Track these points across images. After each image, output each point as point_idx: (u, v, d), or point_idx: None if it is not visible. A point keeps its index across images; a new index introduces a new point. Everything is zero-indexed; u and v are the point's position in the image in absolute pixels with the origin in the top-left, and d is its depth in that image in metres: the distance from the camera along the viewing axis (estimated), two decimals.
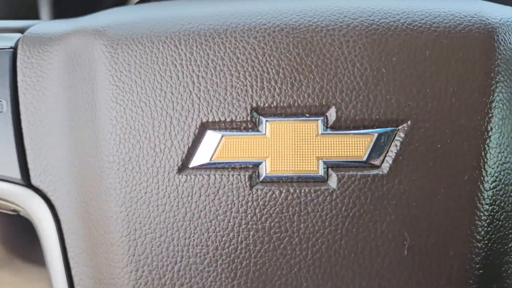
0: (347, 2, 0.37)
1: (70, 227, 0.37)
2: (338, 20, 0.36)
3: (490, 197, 0.34)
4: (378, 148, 0.34)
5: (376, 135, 0.34)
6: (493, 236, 0.34)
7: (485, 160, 0.34)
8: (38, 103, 0.38)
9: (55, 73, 0.38)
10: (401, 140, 0.34)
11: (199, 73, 0.35)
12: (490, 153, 0.34)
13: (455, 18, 0.36)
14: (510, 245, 0.35)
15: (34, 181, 0.38)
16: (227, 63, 0.35)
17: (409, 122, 0.34)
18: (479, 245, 0.34)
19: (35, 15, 0.78)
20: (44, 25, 0.41)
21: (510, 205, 0.35)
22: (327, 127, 0.34)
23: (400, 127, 0.34)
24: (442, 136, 0.34)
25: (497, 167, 0.34)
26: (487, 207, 0.34)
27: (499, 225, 0.34)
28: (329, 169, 0.34)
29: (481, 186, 0.34)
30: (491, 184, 0.34)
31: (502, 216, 0.34)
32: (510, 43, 0.36)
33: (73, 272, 0.38)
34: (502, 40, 0.36)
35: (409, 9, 0.37)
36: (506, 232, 0.35)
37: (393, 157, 0.34)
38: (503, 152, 0.35)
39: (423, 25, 0.36)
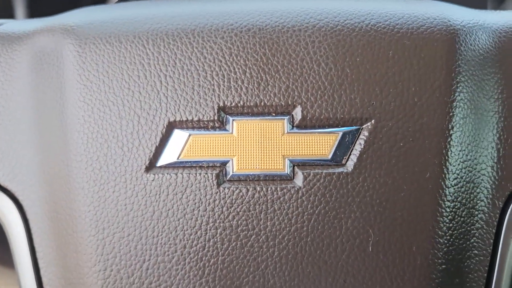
0: (314, 4, 0.38)
1: (39, 227, 0.37)
2: (304, 21, 0.36)
3: (452, 194, 0.35)
4: (343, 147, 0.35)
5: (340, 133, 0.35)
6: (455, 232, 0.35)
7: (447, 158, 0.35)
8: (7, 102, 0.38)
9: (24, 72, 0.38)
10: (365, 138, 0.35)
11: (167, 72, 0.35)
12: (451, 151, 0.35)
13: (418, 20, 0.37)
14: (472, 240, 0.36)
15: (2, 180, 0.38)
16: (195, 63, 0.35)
17: (372, 121, 0.35)
18: (441, 240, 0.34)
19: (10, 15, 0.77)
20: (14, 24, 0.41)
21: (471, 202, 0.36)
22: (293, 126, 0.35)
23: (364, 126, 0.35)
24: (405, 134, 0.35)
25: (458, 164, 0.35)
26: (448, 203, 0.35)
27: (460, 221, 0.35)
28: (295, 167, 0.35)
29: (442, 183, 0.35)
30: (452, 181, 0.35)
31: (464, 213, 0.35)
32: (471, 45, 0.37)
33: (42, 272, 0.37)
34: (463, 41, 0.37)
35: (374, 11, 0.37)
36: (468, 228, 0.36)
37: (358, 155, 0.34)
38: (464, 150, 0.36)
39: (386, 27, 0.36)
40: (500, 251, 0.36)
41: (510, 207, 0.37)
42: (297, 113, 0.35)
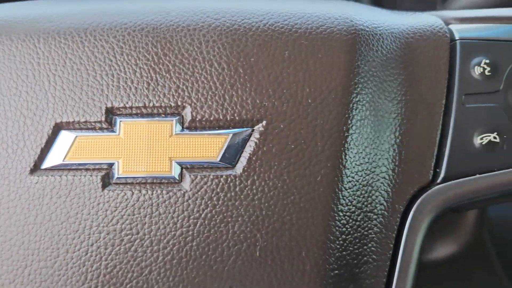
0: (214, 3, 0.37)
1: None
2: (200, 20, 0.36)
3: (346, 198, 0.34)
4: (232, 149, 0.34)
5: (230, 135, 0.34)
6: (349, 236, 0.34)
7: (341, 160, 0.34)
8: None
9: None
10: (255, 140, 0.34)
11: (56, 72, 0.34)
12: (346, 153, 0.34)
13: (319, 19, 0.36)
14: (370, 245, 0.35)
15: None
16: (85, 63, 0.34)
17: (264, 123, 0.34)
18: (333, 245, 0.34)
19: None
20: None
21: (369, 206, 0.35)
22: (182, 128, 0.34)
23: (255, 128, 0.34)
24: (297, 136, 0.34)
25: (354, 167, 0.34)
26: (342, 207, 0.34)
27: (356, 225, 0.34)
28: (183, 170, 0.34)
29: (335, 186, 0.34)
30: (347, 184, 0.34)
31: (360, 217, 0.34)
32: (373, 45, 0.36)
33: None
34: (364, 42, 0.36)
35: (274, 10, 0.36)
36: (365, 233, 0.35)
37: (247, 157, 0.34)
38: (362, 152, 0.35)
39: (284, 26, 0.35)
40: (400, 256, 0.36)
41: (412, 211, 0.36)
42: (187, 114, 0.34)
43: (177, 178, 0.33)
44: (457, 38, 0.38)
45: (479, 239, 0.80)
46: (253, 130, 0.34)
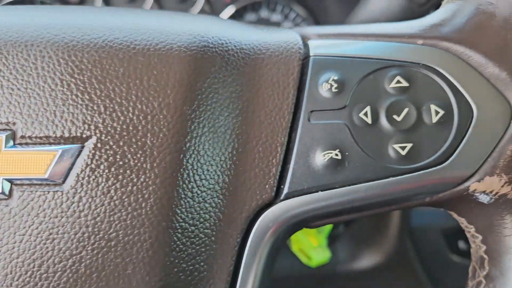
0: (59, 19, 0.37)
1: None
2: (39, 36, 0.36)
3: (177, 214, 0.34)
4: (61, 165, 0.34)
5: (60, 152, 0.34)
6: (181, 253, 0.34)
7: (173, 178, 0.34)
8: None
9: None
10: (85, 157, 0.34)
11: None
12: (179, 171, 0.34)
13: (160, 36, 0.36)
14: (208, 261, 0.35)
15: None
16: None
17: (94, 139, 0.34)
18: (162, 262, 0.34)
19: None
20: None
21: (205, 223, 0.35)
22: (14, 144, 0.34)
23: (85, 144, 0.34)
24: (126, 153, 0.34)
25: (188, 184, 0.34)
26: (172, 224, 0.34)
27: (189, 242, 0.34)
28: (12, 186, 0.34)
29: (165, 204, 0.34)
30: (178, 201, 0.34)
31: (194, 233, 0.35)
32: (215, 62, 0.36)
33: None
34: (206, 58, 0.36)
35: (117, 27, 0.37)
36: (201, 249, 0.35)
37: (76, 174, 0.34)
38: (197, 169, 0.35)
39: (123, 43, 0.36)
40: (241, 273, 0.36)
41: (254, 228, 0.36)
42: (17, 130, 0.34)
43: (6, 194, 0.34)
44: (311, 54, 0.39)
45: (402, 249, 0.80)
46: (83, 147, 0.34)
